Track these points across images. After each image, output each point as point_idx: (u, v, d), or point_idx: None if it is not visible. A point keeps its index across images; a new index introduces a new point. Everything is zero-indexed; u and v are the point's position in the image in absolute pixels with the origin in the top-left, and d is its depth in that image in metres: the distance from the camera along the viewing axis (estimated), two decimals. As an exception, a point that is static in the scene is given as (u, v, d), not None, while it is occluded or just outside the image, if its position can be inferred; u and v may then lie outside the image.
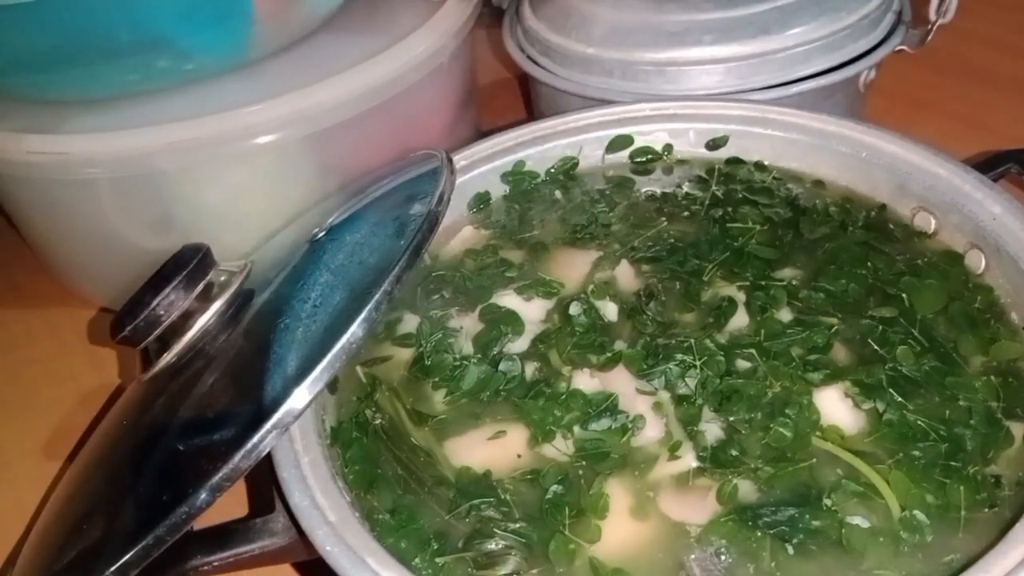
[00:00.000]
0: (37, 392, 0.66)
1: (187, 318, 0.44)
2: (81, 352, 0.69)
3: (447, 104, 0.70)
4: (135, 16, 0.55)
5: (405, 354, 0.51)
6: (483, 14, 0.74)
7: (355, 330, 0.38)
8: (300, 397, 0.37)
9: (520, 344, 0.50)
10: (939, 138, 0.57)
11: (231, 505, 0.50)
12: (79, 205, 0.61)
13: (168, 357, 0.44)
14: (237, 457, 0.36)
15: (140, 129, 0.57)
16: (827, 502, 0.40)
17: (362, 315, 0.38)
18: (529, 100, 0.82)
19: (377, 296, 0.39)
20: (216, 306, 0.44)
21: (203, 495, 0.36)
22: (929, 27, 0.66)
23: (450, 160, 0.50)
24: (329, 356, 0.37)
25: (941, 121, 0.80)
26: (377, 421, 0.46)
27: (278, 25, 0.62)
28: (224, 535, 0.41)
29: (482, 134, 0.73)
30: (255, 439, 0.36)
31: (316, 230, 0.48)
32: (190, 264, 0.44)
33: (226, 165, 0.59)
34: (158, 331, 0.43)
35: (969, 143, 0.65)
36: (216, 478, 0.36)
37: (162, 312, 0.43)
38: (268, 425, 0.36)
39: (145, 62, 0.58)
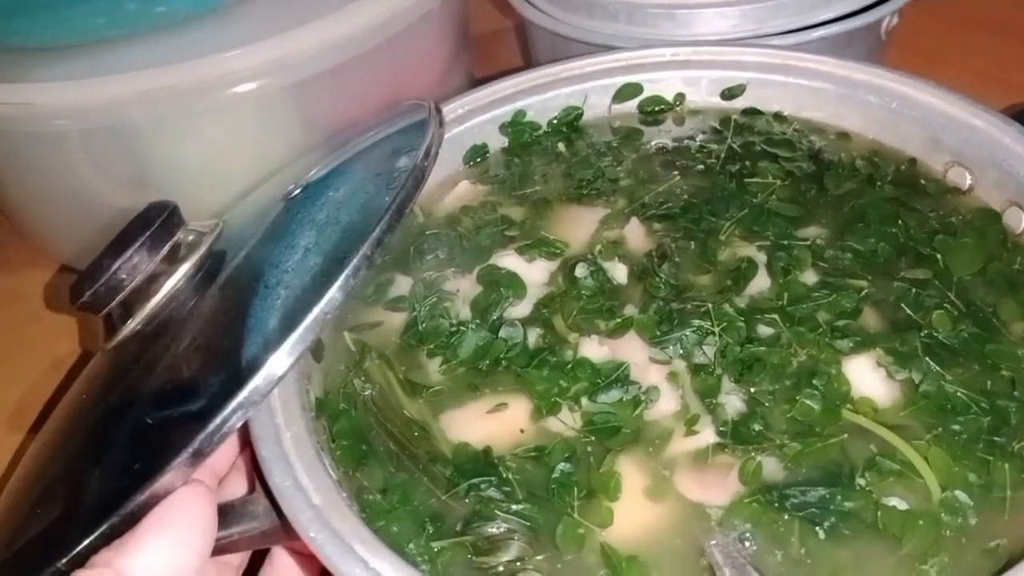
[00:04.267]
0: (5, 360, 0.63)
1: (152, 281, 0.40)
2: (51, 316, 0.66)
3: (438, 53, 0.67)
4: None
5: (397, 319, 0.47)
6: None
7: (332, 295, 0.34)
8: (274, 366, 0.34)
9: (522, 309, 0.46)
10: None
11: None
12: (46, 159, 0.58)
13: (133, 324, 0.40)
14: (207, 431, 0.32)
15: (109, 77, 0.53)
16: (860, 481, 0.36)
17: (338, 281, 0.34)
18: (528, 49, 0.77)
19: (355, 261, 0.35)
20: (184, 268, 0.40)
21: (169, 475, 0.32)
22: None
23: (439, 111, 0.46)
24: (303, 325, 0.34)
25: (960, 75, 0.75)
26: (367, 392, 0.43)
27: None
28: (199, 518, 0.37)
29: (477, 82, 0.68)
30: (225, 412, 0.32)
31: (292, 187, 0.44)
32: (155, 223, 0.40)
33: (202, 117, 0.56)
34: (121, 296, 0.40)
35: (989, 98, 0.61)
36: (185, 454, 0.32)
37: (124, 276, 0.39)
38: (239, 398, 0.33)
39: (112, 4, 0.55)
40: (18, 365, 0.62)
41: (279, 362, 0.34)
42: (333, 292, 0.34)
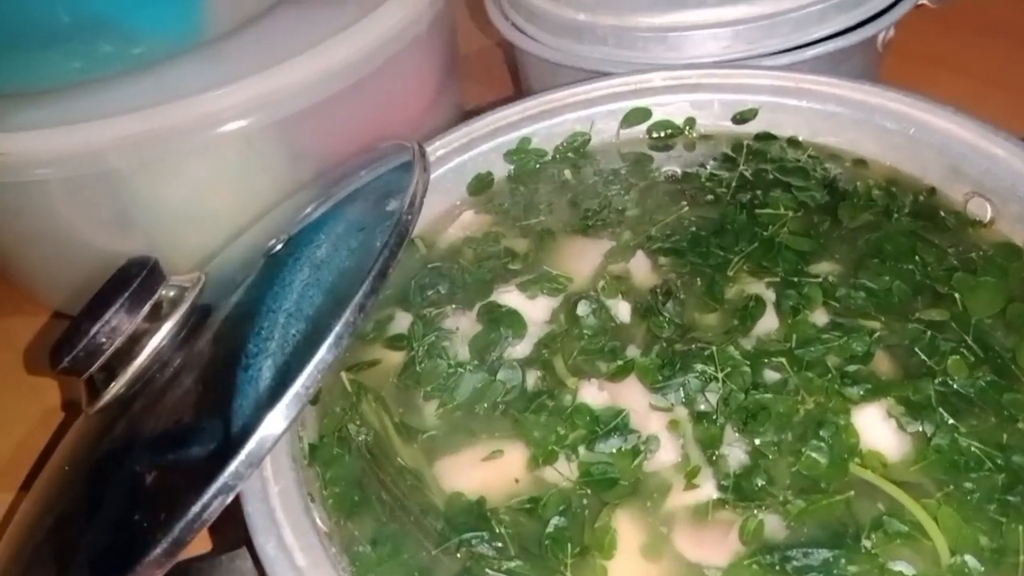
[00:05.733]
0: None
1: (135, 342, 0.39)
2: (41, 364, 0.64)
3: (428, 79, 0.65)
4: None
5: (396, 357, 0.46)
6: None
7: (313, 366, 0.34)
8: (259, 439, 0.33)
9: (522, 348, 0.45)
10: (959, 99, 0.52)
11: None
12: (27, 208, 0.57)
13: (116, 387, 0.39)
14: (186, 519, 0.31)
15: (88, 123, 0.52)
16: (866, 543, 0.35)
17: (320, 352, 0.34)
18: (516, 72, 0.76)
19: (337, 328, 0.34)
20: (167, 327, 0.39)
21: (160, 549, 0.31)
22: None
23: (423, 155, 0.44)
24: (281, 403, 0.33)
25: (960, 80, 0.73)
26: (362, 437, 0.42)
27: None
28: (184, 574, 0.37)
29: (466, 113, 0.67)
30: (209, 493, 0.31)
31: (273, 241, 0.43)
32: (134, 282, 0.39)
33: (186, 158, 0.54)
34: (102, 359, 0.39)
35: (991, 103, 0.59)
36: (173, 533, 0.31)
37: (104, 339, 0.38)
38: (217, 484, 0.32)
39: (87, 46, 0.53)
40: (6, 418, 0.61)
41: (263, 437, 0.33)
42: (317, 361, 0.34)
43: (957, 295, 0.43)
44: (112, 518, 0.36)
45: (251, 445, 0.33)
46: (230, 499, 0.33)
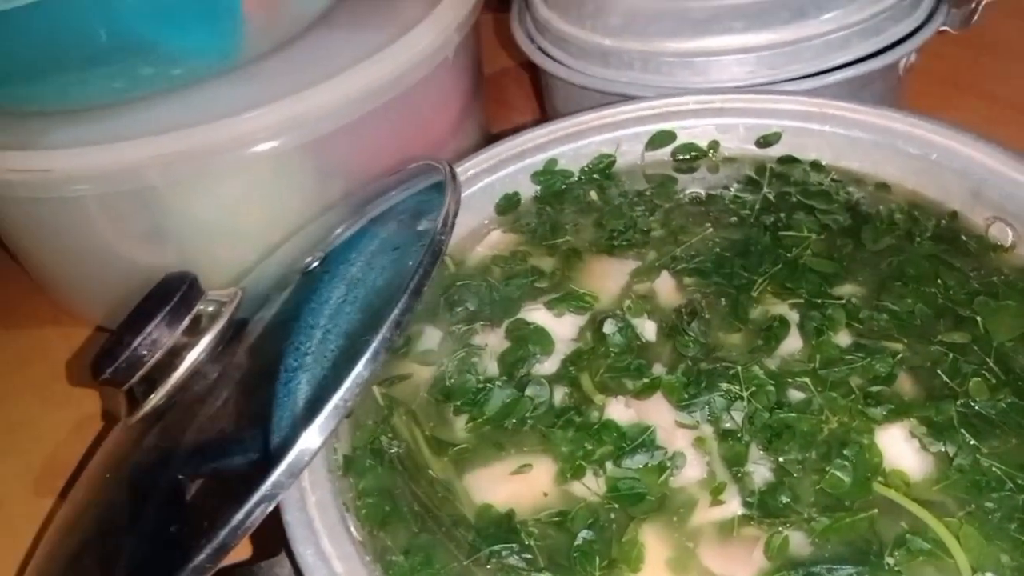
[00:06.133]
0: (30, 421, 0.63)
1: (173, 355, 0.40)
2: (76, 375, 0.66)
3: (453, 101, 0.67)
4: (115, 18, 0.52)
5: (426, 371, 0.47)
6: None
7: (352, 382, 0.35)
8: (300, 451, 0.34)
9: (549, 365, 0.46)
10: (984, 123, 0.52)
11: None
12: (66, 223, 0.59)
13: (155, 399, 0.41)
14: (230, 525, 0.33)
15: (127, 142, 0.54)
16: (889, 560, 0.36)
17: (358, 367, 0.35)
18: (540, 93, 0.77)
19: (375, 344, 0.35)
20: (206, 340, 0.41)
21: (204, 555, 0.33)
22: (974, 5, 0.61)
23: (455, 177, 0.46)
24: (318, 420, 0.35)
25: (985, 104, 0.74)
26: (394, 450, 0.43)
27: (269, 23, 0.59)
28: (225, 580, 0.38)
29: (491, 135, 0.68)
30: (253, 501, 0.33)
31: (310, 259, 0.44)
32: (174, 297, 0.40)
33: (220, 177, 0.56)
34: (142, 371, 0.40)
35: (1013, 127, 0.60)
36: (217, 540, 0.33)
37: (145, 352, 0.39)
38: (259, 492, 0.33)
39: (129, 68, 0.55)
40: (42, 427, 0.62)
41: (304, 449, 0.34)
42: (355, 376, 0.35)
43: (979, 318, 0.44)
44: (154, 524, 0.37)
45: (292, 456, 0.34)
46: (271, 507, 0.34)
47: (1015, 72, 0.78)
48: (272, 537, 0.39)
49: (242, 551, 0.46)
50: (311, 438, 0.35)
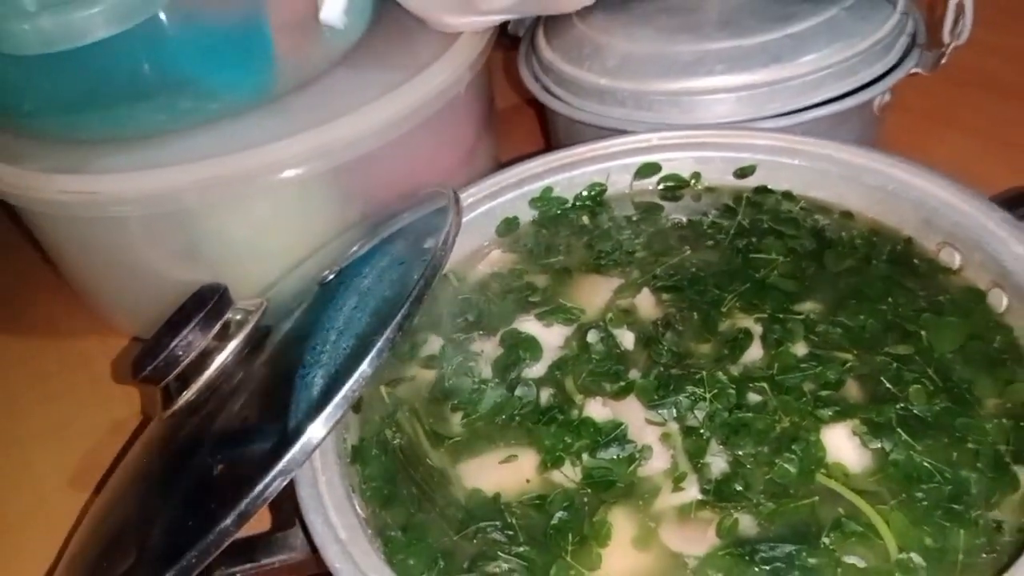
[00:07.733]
0: (69, 423, 0.68)
1: (205, 357, 0.46)
2: (111, 383, 0.71)
3: (465, 133, 0.72)
4: (161, 59, 0.57)
5: (428, 374, 0.53)
6: (502, 38, 0.75)
7: (361, 373, 0.41)
8: (312, 436, 0.40)
9: (537, 369, 0.51)
10: (960, 156, 0.54)
11: (254, 519, 0.53)
12: (109, 240, 0.63)
13: (188, 395, 0.46)
14: (253, 493, 0.38)
15: (167, 168, 0.58)
16: (825, 540, 0.40)
17: (366, 361, 0.40)
18: (546, 127, 0.83)
19: (380, 343, 0.41)
20: (233, 345, 0.47)
21: (230, 520, 0.38)
22: (943, 49, 0.65)
23: (457, 200, 0.52)
24: (333, 402, 0.40)
25: (961, 137, 0.77)
26: (396, 441, 0.49)
27: (298, 62, 0.64)
28: (248, 547, 0.43)
29: (500, 164, 0.73)
30: (268, 477, 0.38)
31: (327, 272, 0.50)
32: (207, 305, 0.46)
33: (251, 200, 0.60)
34: (178, 370, 0.46)
35: (991, 161, 0.62)
36: (241, 506, 0.38)
37: (180, 352, 0.45)
38: (279, 466, 0.39)
39: (171, 103, 0.60)
40: (80, 429, 0.67)
41: (316, 432, 0.40)
42: (362, 370, 0.40)
43: (923, 332, 0.49)
44: (186, 498, 0.43)
45: (306, 436, 0.40)
46: (287, 481, 0.40)
47: (992, 107, 0.81)
48: (288, 513, 0.44)
49: (262, 524, 0.52)
50: (323, 422, 0.40)
